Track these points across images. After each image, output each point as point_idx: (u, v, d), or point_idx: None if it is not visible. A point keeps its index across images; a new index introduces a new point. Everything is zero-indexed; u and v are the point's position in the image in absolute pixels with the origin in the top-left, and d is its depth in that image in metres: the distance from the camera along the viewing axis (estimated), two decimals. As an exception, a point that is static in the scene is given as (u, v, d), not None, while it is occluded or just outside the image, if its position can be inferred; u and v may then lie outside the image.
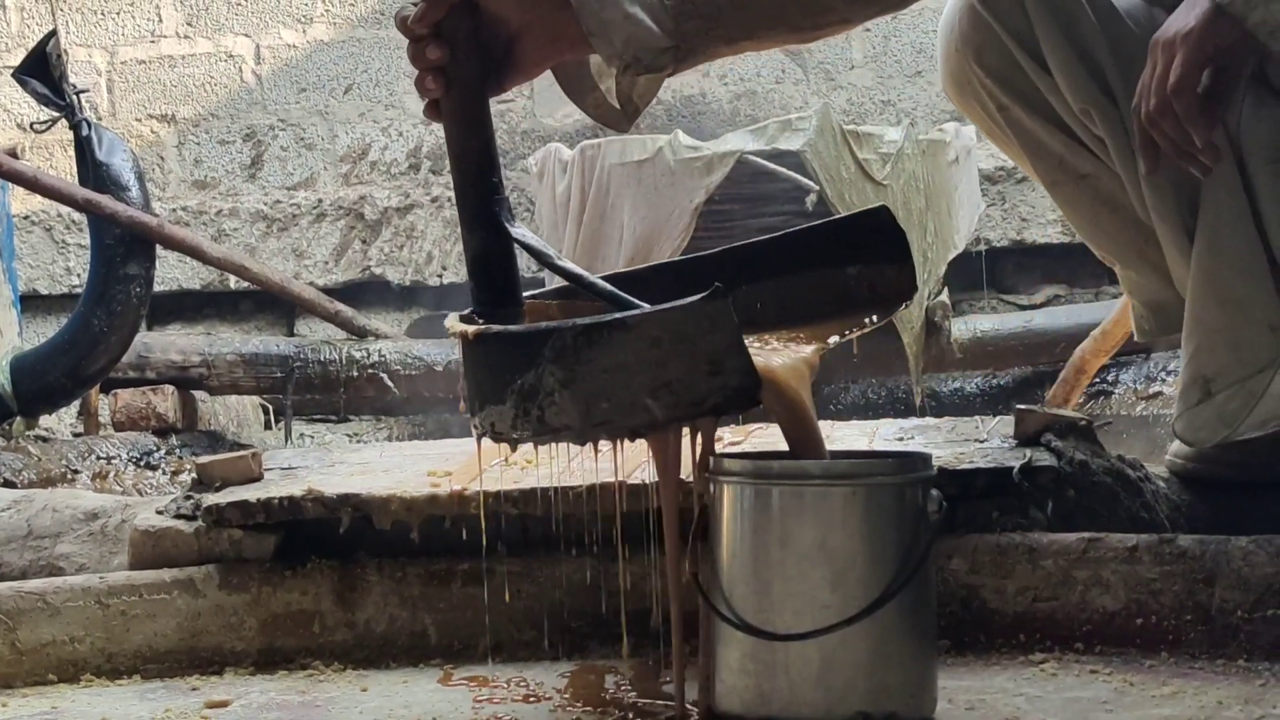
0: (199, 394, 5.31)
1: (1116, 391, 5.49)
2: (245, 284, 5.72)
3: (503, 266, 2.07)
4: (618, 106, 2.15)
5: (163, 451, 5.01)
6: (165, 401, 5.16)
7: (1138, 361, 5.57)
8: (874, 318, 2.17)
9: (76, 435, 5.26)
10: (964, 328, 5.29)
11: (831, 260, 2.22)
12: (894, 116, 6.01)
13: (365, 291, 6.14)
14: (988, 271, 6.01)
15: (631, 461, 2.37)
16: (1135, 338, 2.60)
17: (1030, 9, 2.34)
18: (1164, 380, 5.47)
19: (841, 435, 2.58)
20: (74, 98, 4.65)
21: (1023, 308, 5.98)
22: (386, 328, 5.56)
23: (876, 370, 5.26)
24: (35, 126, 4.81)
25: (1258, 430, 2.25)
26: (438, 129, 2.20)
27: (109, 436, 5.01)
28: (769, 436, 2.61)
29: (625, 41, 1.94)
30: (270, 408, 5.53)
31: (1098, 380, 5.45)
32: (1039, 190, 5.95)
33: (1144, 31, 2.27)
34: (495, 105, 2.36)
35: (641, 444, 1.96)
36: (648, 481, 2.24)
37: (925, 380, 5.31)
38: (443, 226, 6.12)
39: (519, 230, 2.05)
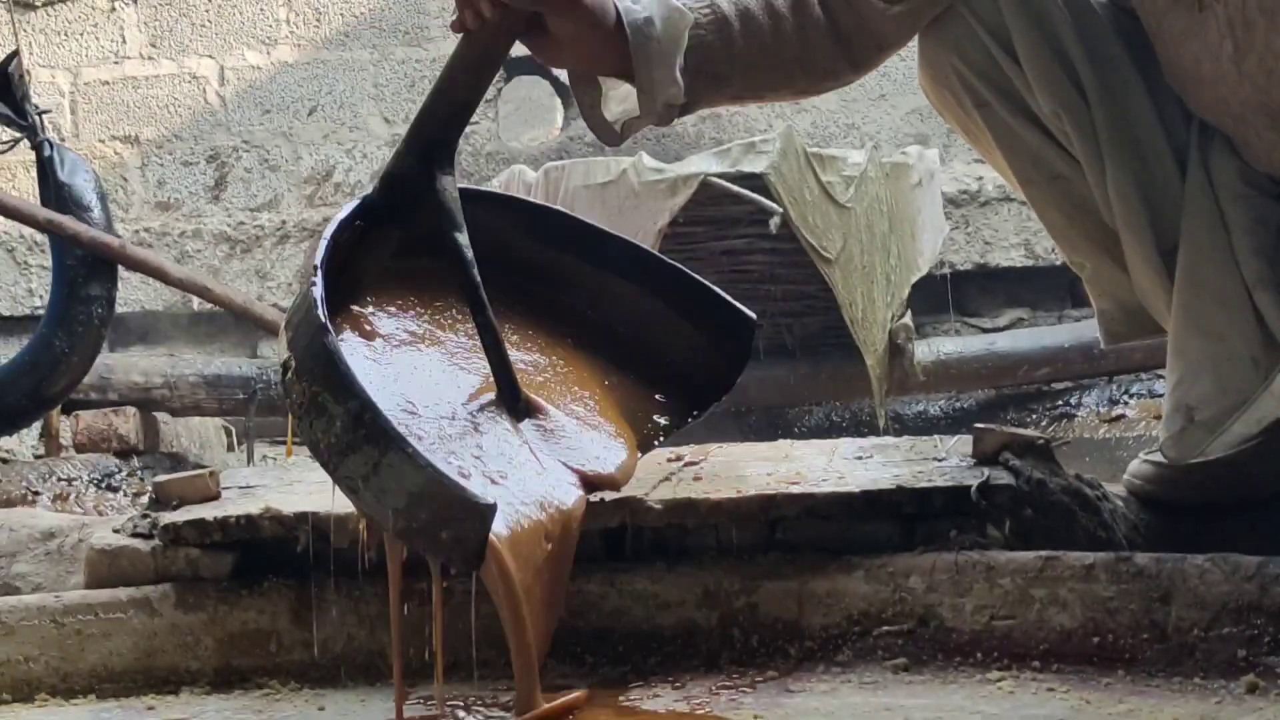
0: (161, 416, 5.30)
1: (1079, 414, 5.52)
2: (208, 306, 5.72)
3: (408, 193, 2.14)
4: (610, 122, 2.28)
5: (124, 473, 5.00)
6: (127, 423, 5.15)
7: (1100, 384, 5.60)
8: (662, 420, 2.39)
9: (38, 457, 5.24)
10: (927, 350, 5.32)
11: (681, 310, 2.41)
12: (858, 140, 6.03)
13: (329, 314, 6.12)
14: (951, 295, 6.04)
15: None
16: (1103, 344, 2.60)
17: (1004, 5, 2.35)
18: (1126, 403, 5.51)
19: (801, 454, 2.58)
20: (36, 118, 4.65)
21: (986, 330, 6.01)
22: (349, 350, 5.54)
23: (839, 393, 5.28)
24: (-3, 146, 4.80)
25: (1227, 450, 2.29)
26: None
27: (70, 458, 5.00)
28: (728, 455, 2.62)
29: (665, 101, 2.17)
30: (233, 429, 5.52)
31: (1060, 403, 5.48)
32: (1002, 214, 5.99)
33: (1121, 32, 2.30)
34: None
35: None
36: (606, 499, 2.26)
37: (889, 403, 5.33)
38: (407, 248, 6.10)
39: (447, 180, 2.13)
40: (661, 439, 2.39)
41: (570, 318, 2.43)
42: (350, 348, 2.11)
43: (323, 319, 1.99)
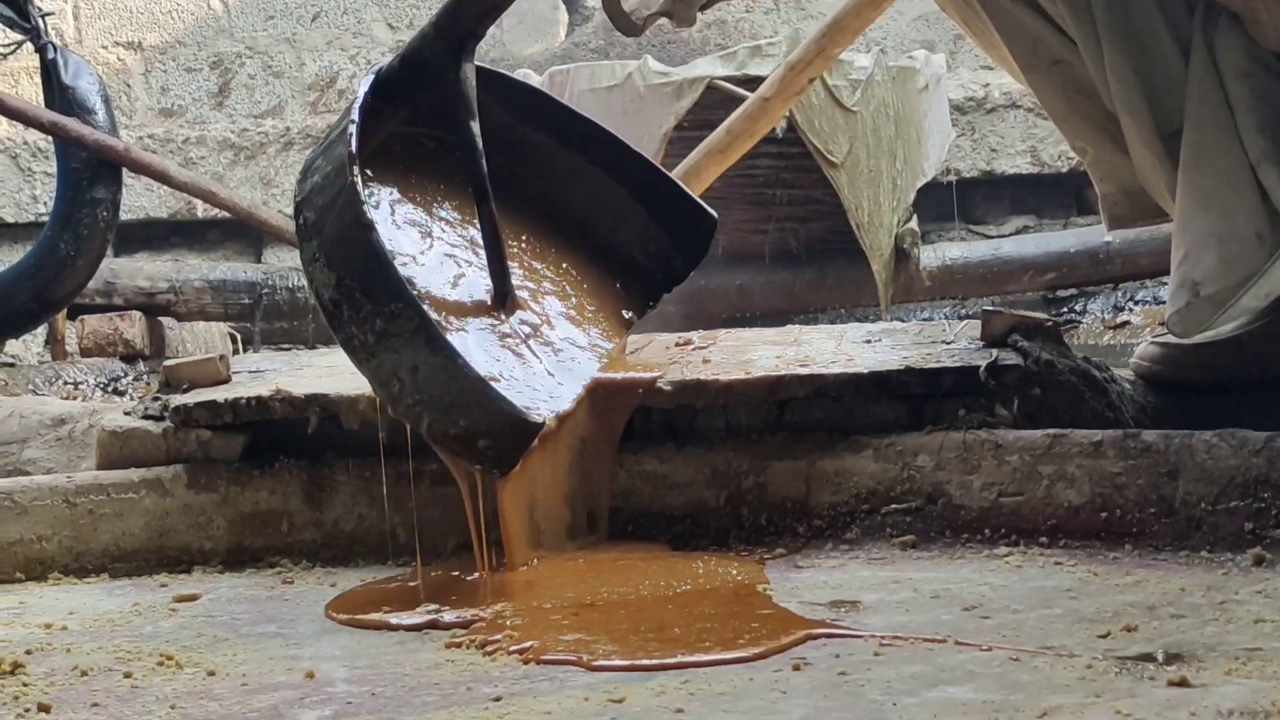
0: (166, 321, 5.30)
1: (1084, 321, 5.51)
2: (213, 212, 5.71)
3: (429, 75, 2.17)
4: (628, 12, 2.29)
5: (130, 377, 5.01)
6: (132, 328, 5.15)
7: (1105, 291, 5.60)
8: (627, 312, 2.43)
9: (43, 362, 5.24)
10: (932, 256, 5.31)
11: (643, 198, 2.44)
12: (864, 45, 6.00)
13: (334, 221, 6.10)
14: (957, 202, 6.02)
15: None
16: (1107, 229, 2.60)
17: None
18: (1131, 310, 5.50)
19: (809, 338, 2.59)
20: (40, 20, 4.62)
21: (991, 238, 6.00)
22: (355, 255, 5.53)
23: (845, 298, 5.27)
24: (0, 50, 4.78)
25: (1235, 326, 2.29)
26: None
27: (76, 362, 5.00)
28: (737, 340, 2.62)
29: None
30: (238, 335, 5.52)
31: (1065, 310, 5.48)
32: (1009, 121, 5.97)
33: None
34: None
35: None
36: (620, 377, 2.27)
37: (894, 310, 5.32)
38: (411, 156, 6.09)
39: (469, 68, 2.14)
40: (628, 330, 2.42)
41: (544, 202, 2.44)
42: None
43: (368, 216, 1.98)
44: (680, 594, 1.99)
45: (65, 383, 4.82)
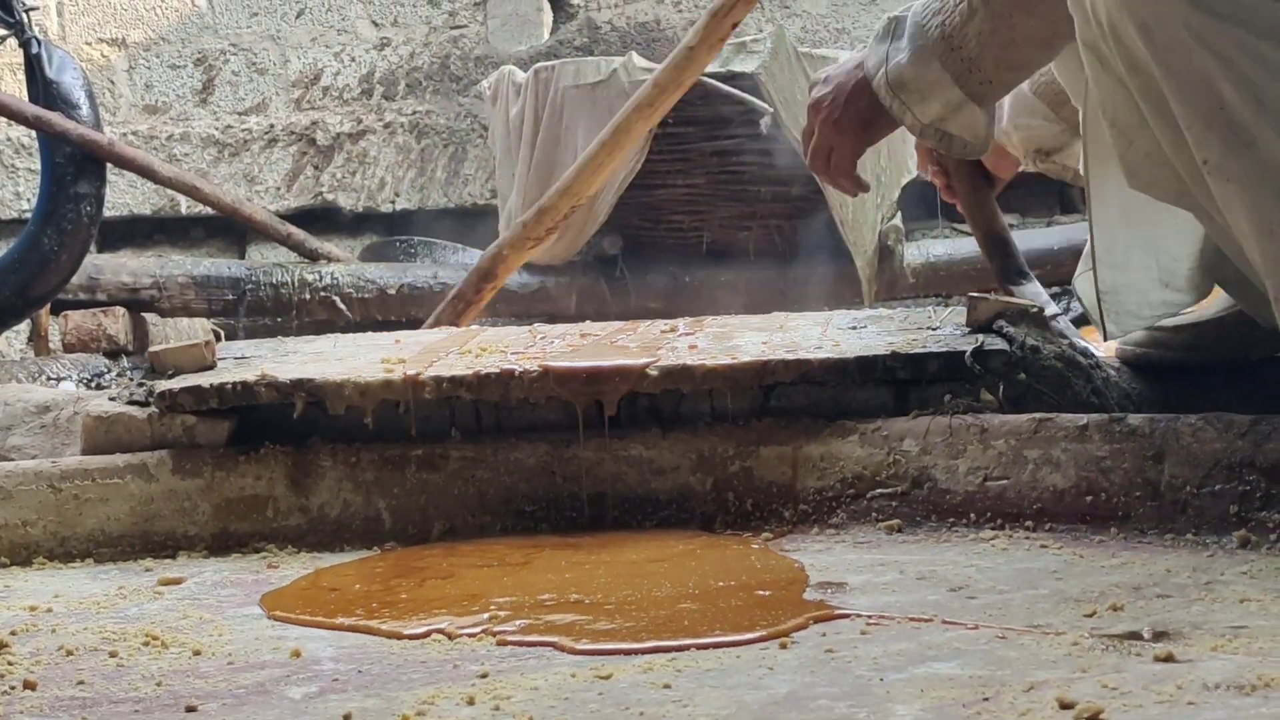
0: (150, 316, 5.28)
1: (1068, 318, 5.50)
2: (197, 209, 5.70)
3: None
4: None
5: (113, 373, 4.98)
6: (116, 323, 5.13)
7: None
8: None
9: (26, 358, 5.23)
10: (917, 253, 5.31)
11: None
12: (848, 44, 6.01)
13: (317, 218, 6.11)
14: (940, 202, 6.02)
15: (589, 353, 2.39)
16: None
17: None
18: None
19: (795, 324, 2.59)
20: (24, 15, 4.60)
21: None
22: (339, 251, 5.53)
23: (829, 296, 5.26)
24: (-16, 44, 4.77)
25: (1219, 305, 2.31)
26: (390, 54, 2.23)
27: (59, 358, 4.98)
28: (723, 325, 2.63)
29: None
30: (221, 332, 5.50)
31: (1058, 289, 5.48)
32: (992, 119, 5.96)
33: None
34: (448, 30, 2.31)
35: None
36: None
37: (878, 305, 5.32)
38: (395, 153, 6.09)
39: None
40: None
41: None
42: None
43: None
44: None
45: (49, 378, 4.79)
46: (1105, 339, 2.33)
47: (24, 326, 5.10)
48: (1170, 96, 1.88)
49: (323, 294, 5.22)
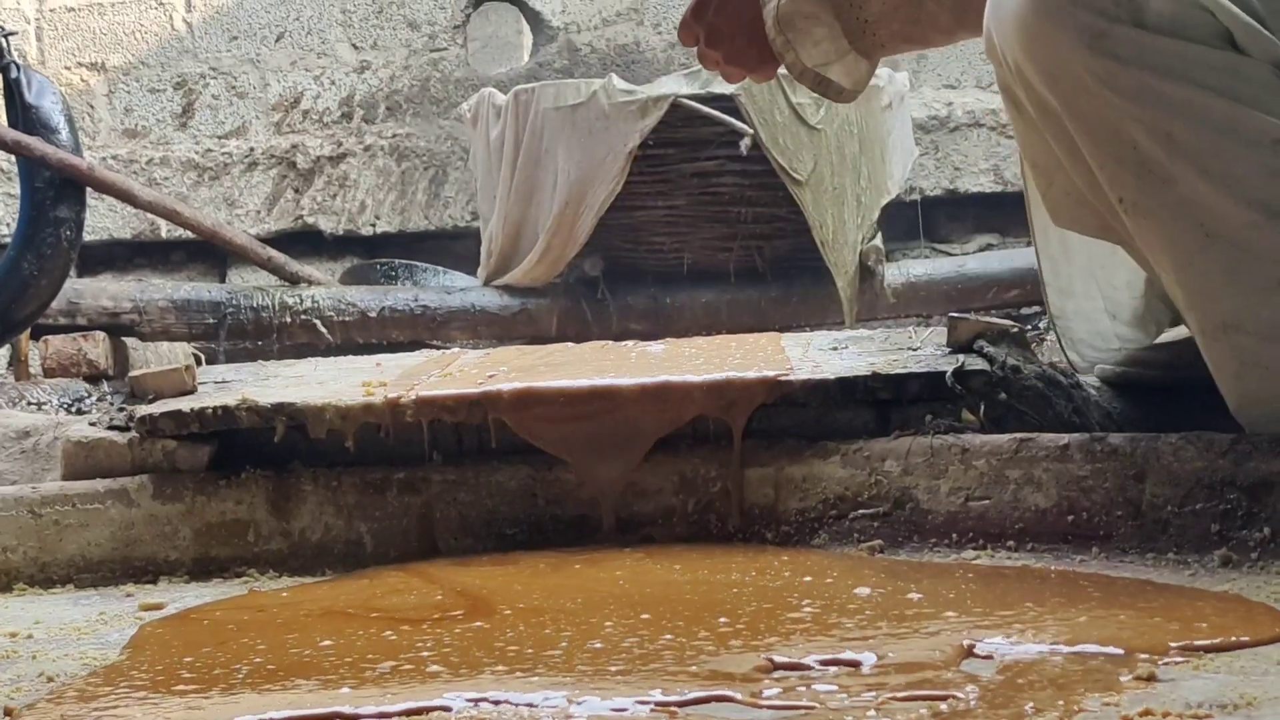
0: (130, 341, 5.27)
1: (1049, 338, 5.52)
2: (177, 233, 5.69)
3: None
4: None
5: (94, 398, 4.97)
6: (96, 348, 5.12)
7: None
8: None
9: (6, 383, 5.21)
10: (897, 273, 5.32)
11: None
12: (828, 65, 6.01)
13: (298, 241, 6.10)
14: (921, 221, 6.04)
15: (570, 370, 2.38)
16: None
17: None
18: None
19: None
20: (3, 40, 4.60)
21: (955, 255, 6.02)
22: (320, 275, 5.52)
23: (810, 316, 5.27)
24: (-39, 70, 4.75)
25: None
26: (370, 77, 2.24)
27: (39, 382, 4.97)
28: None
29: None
30: (202, 356, 5.49)
31: (1029, 327, 5.49)
32: (972, 139, 6.00)
33: None
34: (428, 53, 2.29)
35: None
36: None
37: (859, 326, 5.33)
38: (375, 176, 6.09)
39: None
40: None
41: None
42: None
43: None
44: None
45: (29, 403, 4.78)
46: (1072, 369, 2.35)
47: (4, 351, 5.09)
48: (1080, 140, 1.91)
49: (303, 317, 5.21)
